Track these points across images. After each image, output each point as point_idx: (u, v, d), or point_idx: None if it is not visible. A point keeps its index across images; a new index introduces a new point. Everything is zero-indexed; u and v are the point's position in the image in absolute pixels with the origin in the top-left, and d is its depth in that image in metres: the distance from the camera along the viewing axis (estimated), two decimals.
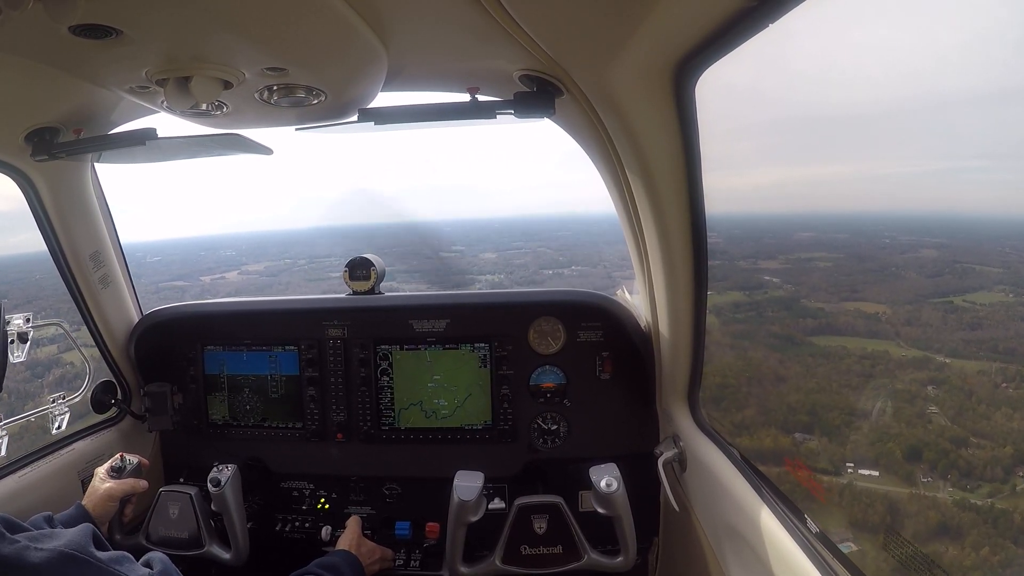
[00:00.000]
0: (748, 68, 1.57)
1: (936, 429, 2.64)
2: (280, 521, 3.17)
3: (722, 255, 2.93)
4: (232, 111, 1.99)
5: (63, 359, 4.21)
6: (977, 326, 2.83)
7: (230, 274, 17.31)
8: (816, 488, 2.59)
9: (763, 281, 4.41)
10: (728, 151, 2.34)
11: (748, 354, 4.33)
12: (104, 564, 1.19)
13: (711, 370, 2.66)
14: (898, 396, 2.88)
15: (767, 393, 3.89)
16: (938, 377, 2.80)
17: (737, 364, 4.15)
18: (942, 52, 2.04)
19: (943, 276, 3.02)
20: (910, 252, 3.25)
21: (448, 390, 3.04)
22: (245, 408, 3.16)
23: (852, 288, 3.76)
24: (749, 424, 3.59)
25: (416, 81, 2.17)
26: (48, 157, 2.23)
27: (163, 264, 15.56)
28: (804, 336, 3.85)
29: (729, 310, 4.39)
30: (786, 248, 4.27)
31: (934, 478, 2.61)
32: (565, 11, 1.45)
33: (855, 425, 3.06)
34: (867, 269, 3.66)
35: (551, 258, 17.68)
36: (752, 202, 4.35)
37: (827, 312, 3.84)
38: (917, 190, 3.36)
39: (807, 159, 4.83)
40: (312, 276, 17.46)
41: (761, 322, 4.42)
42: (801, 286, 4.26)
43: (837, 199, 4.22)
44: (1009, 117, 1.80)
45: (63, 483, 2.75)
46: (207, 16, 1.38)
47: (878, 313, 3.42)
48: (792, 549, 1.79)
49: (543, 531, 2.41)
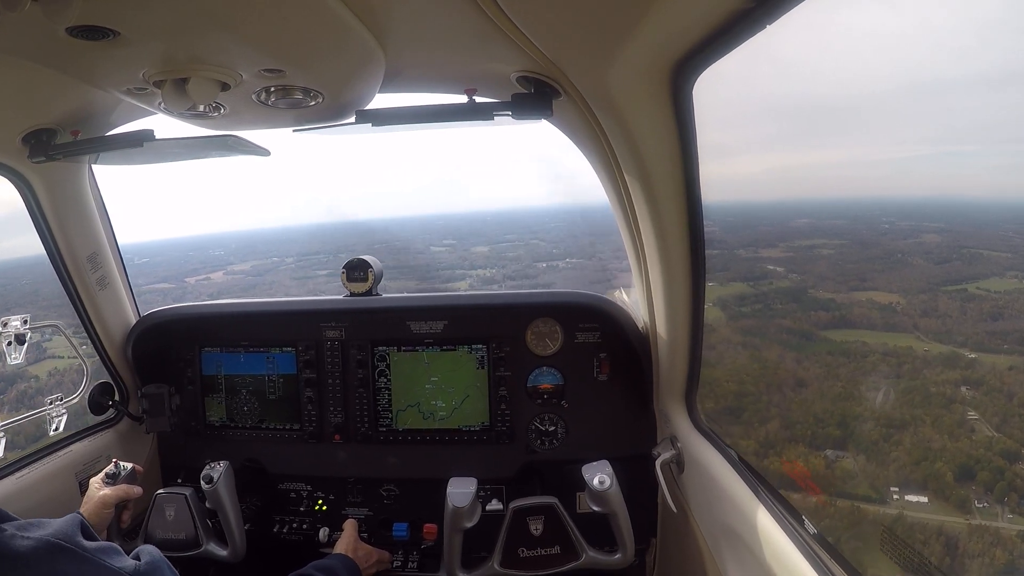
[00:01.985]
0: (746, 69, 1.57)
1: (983, 441, 2.46)
2: (277, 522, 3.16)
3: (720, 244, 2.85)
4: (229, 112, 1.99)
5: (29, 372, 4.08)
6: (998, 316, 2.74)
7: (215, 275, 17.12)
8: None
9: (767, 271, 4.27)
10: (727, 141, 2.32)
11: (762, 354, 4.11)
12: (91, 554, 1.18)
13: (724, 375, 2.58)
14: (933, 401, 2.71)
15: (789, 402, 3.66)
16: (971, 377, 2.66)
17: (753, 367, 3.92)
18: (938, 44, 2.04)
19: (951, 262, 2.93)
20: (912, 237, 3.18)
21: (446, 391, 3.04)
22: (243, 409, 3.16)
23: (860, 276, 3.64)
24: (775, 441, 3.30)
25: (414, 82, 2.18)
26: (45, 159, 2.23)
27: (150, 266, 15.46)
28: (819, 331, 3.67)
29: (735, 303, 4.26)
30: (786, 235, 4.15)
31: (990, 502, 2.42)
32: (563, 13, 1.45)
33: (893, 439, 2.83)
34: (873, 256, 3.54)
35: (545, 251, 17.57)
36: (748, 189, 4.28)
37: (839, 304, 3.69)
38: (912, 176, 3.30)
39: (804, 145, 4.77)
40: (298, 275, 17.29)
41: (771, 316, 4.24)
42: (807, 275, 4.12)
43: (832, 185, 4.14)
44: (1002, 102, 1.79)
45: (60, 484, 2.74)
46: (204, 17, 1.38)
47: (892, 304, 3.28)
48: (789, 550, 1.79)
49: (540, 532, 2.41)
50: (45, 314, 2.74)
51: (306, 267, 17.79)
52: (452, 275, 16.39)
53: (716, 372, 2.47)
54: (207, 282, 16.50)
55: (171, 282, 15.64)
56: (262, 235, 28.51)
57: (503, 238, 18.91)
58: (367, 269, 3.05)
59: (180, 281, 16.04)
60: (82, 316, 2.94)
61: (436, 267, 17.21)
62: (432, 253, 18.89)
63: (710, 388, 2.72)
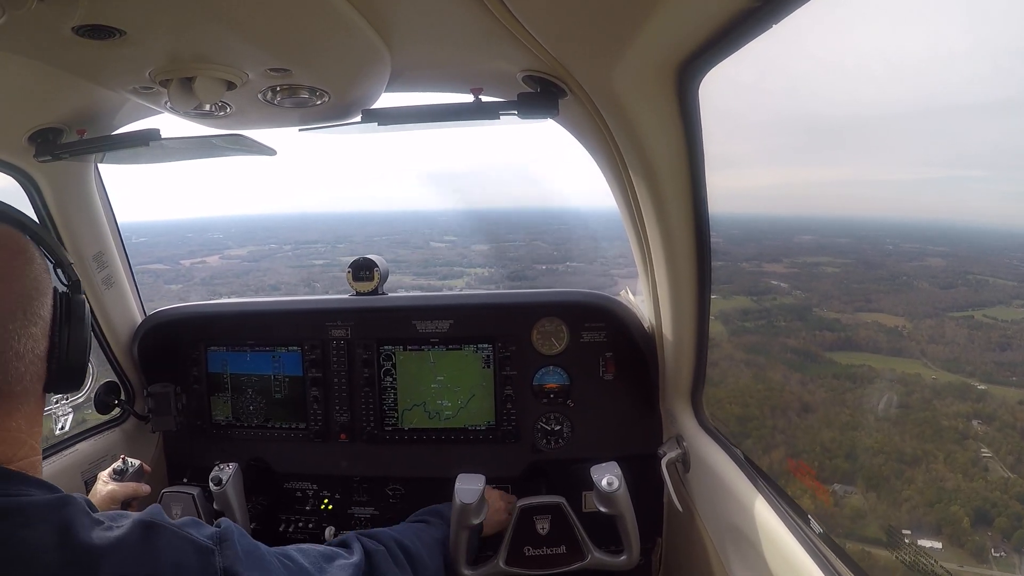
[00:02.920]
0: (752, 69, 1.57)
1: (998, 482, 2.32)
2: (283, 522, 3.17)
3: (724, 256, 2.79)
4: (235, 112, 1.99)
5: None
6: (1006, 346, 2.65)
7: (211, 258, 16.96)
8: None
9: (770, 286, 4.19)
10: (730, 151, 2.29)
11: (766, 374, 4.00)
12: (176, 528, 1.27)
13: (728, 396, 2.52)
14: (945, 435, 2.59)
15: (794, 428, 3.49)
16: (983, 411, 2.50)
17: (757, 388, 3.80)
18: (946, 56, 2.01)
19: (957, 288, 2.86)
20: (916, 260, 3.11)
21: (451, 391, 3.04)
22: (248, 409, 3.17)
23: (865, 297, 3.53)
24: (780, 472, 3.12)
25: (419, 82, 2.17)
26: (51, 158, 2.23)
27: (147, 246, 15.28)
28: (823, 351, 3.58)
29: (738, 317, 4.15)
30: (789, 251, 4.06)
31: (1007, 551, 2.30)
32: (569, 11, 1.44)
33: (905, 475, 2.67)
34: (878, 277, 3.44)
35: (546, 252, 17.43)
36: (752, 203, 4.20)
37: (843, 324, 3.53)
38: (917, 198, 3.23)
39: (808, 161, 4.73)
40: (294, 263, 17.17)
41: (774, 333, 4.17)
42: (811, 293, 4.02)
43: (836, 202, 4.04)
44: (1012, 127, 1.76)
45: (66, 484, 2.74)
46: (210, 16, 1.38)
47: (898, 327, 3.16)
48: (795, 549, 1.78)
49: (546, 532, 2.41)
50: None
51: (303, 256, 17.65)
52: (450, 272, 16.23)
53: (720, 392, 2.41)
54: (202, 265, 16.40)
55: (166, 263, 15.57)
56: (262, 221, 28.21)
57: (506, 237, 18.75)
58: (373, 268, 3.05)
59: (175, 263, 15.95)
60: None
61: (433, 263, 17.00)
62: (432, 248, 18.72)
63: (715, 408, 2.66)
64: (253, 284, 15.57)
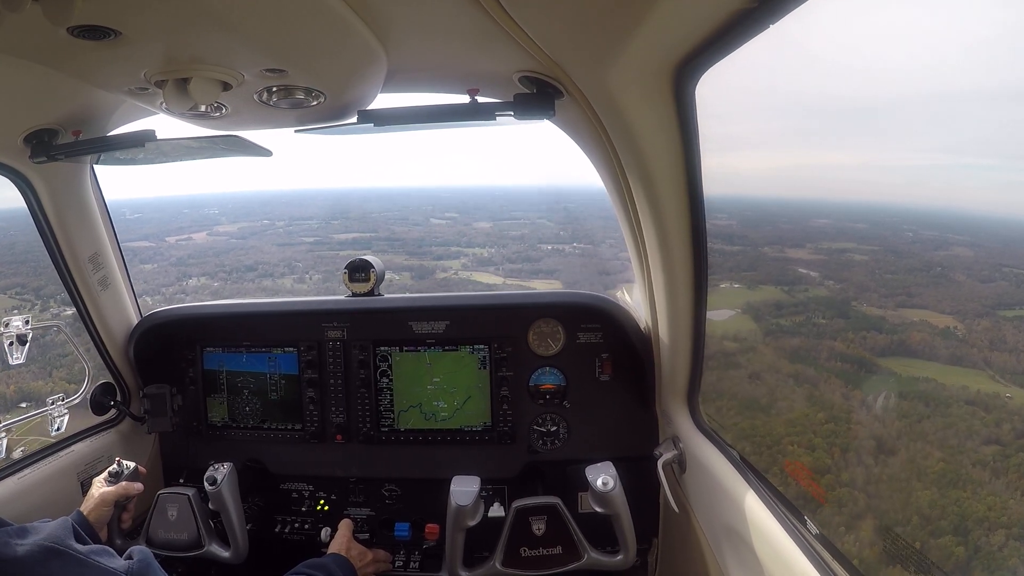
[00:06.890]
0: (749, 69, 1.56)
1: None
2: (280, 522, 3.16)
3: (741, 240, 2.60)
4: (231, 113, 1.99)
5: None
6: None
7: (198, 235, 16.45)
8: None
9: (799, 275, 3.71)
10: (733, 134, 2.19)
11: (821, 394, 3.25)
12: (84, 555, 1.25)
13: (785, 431, 2.10)
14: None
15: (876, 482, 2.62)
16: None
17: (817, 419, 3.07)
18: (943, 50, 2.00)
19: (996, 282, 2.52)
20: (942, 249, 2.81)
21: (448, 392, 3.04)
22: (244, 410, 3.16)
23: (906, 291, 3.11)
24: (872, 561, 2.20)
25: (416, 82, 2.17)
26: (47, 159, 2.23)
27: (138, 223, 14.95)
28: (876, 357, 3.05)
29: (770, 313, 3.76)
30: (809, 236, 3.66)
31: None
32: (565, 12, 1.45)
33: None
34: (911, 267, 3.00)
35: (552, 232, 16.69)
36: (760, 184, 3.90)
37: (891, 323, 3.12)
38: (928, 185, 3.00)
39: (813, 145, 4.46)
40: (282, 240, 16.53)
41: (817, 335, 3.59)
42: (845, 284, 3.55)
43: (845, 187, 3.67)
44: (1018, 116, 1.72)
45: (62, 485, 2.74)
46: (206, 17, 1.38)
47: (951, 328, 2.73)
48: (791, 550, 1.78)
49: (542, 532, 2.41)
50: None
51: (294, 233, 17.06)
52: (446, 252, 15.61)
53: (777, 426, 1.92)
54: (188, 242, 15.96)
55: (151, 240, 15.16)
56: (259, 197, 27.51)
57: (509, 215, 18.19)
58: (369, 269, 3.05)
59: (160, 240, 15.52)
60: (84, 316, 2.94)
61: (430, 242, 16.45)
62: (430, 225, 17.93)
63: (773, 451, 2.17)
64: (229, 264, 15.05)
